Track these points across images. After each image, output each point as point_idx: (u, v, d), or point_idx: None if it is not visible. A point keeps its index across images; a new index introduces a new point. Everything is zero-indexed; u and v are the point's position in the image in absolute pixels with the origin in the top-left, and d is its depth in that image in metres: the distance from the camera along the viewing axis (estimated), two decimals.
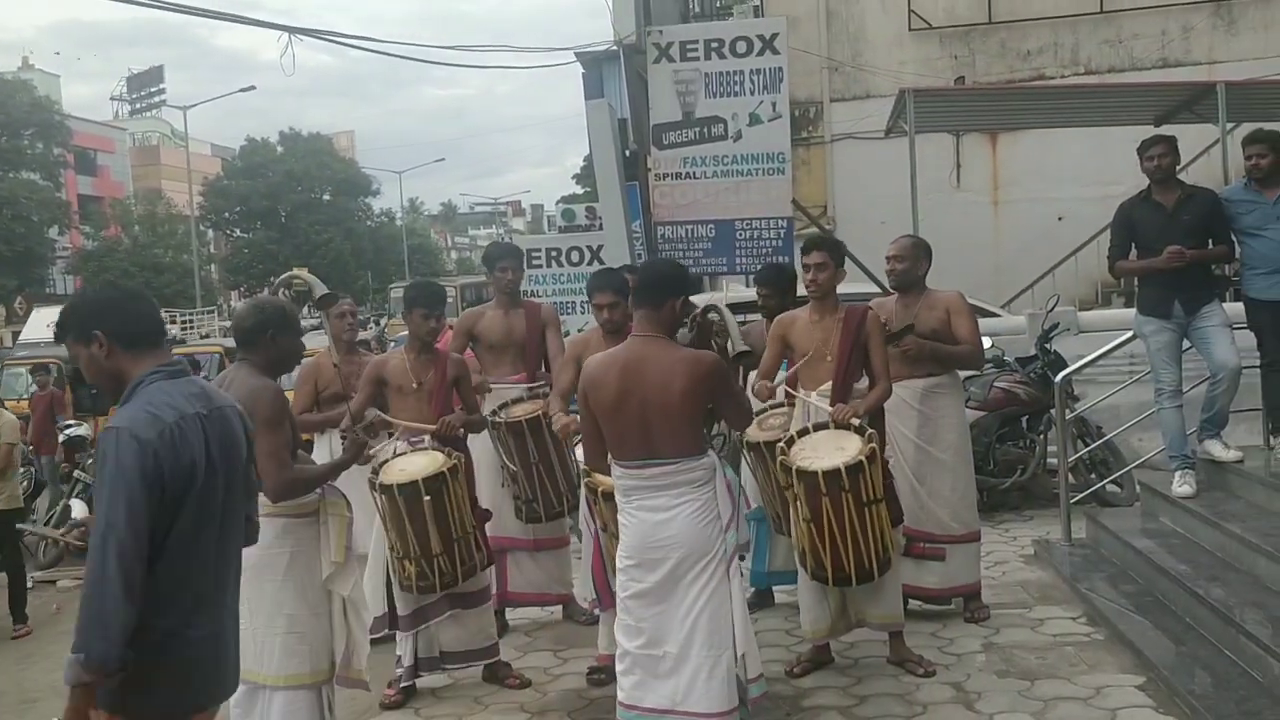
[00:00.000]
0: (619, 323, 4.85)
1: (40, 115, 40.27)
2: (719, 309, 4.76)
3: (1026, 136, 13.84)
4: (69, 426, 12.41)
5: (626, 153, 10.53)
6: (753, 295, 6.29)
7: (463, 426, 5.03)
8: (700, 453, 3.77)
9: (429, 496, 4.61)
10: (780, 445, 4.54)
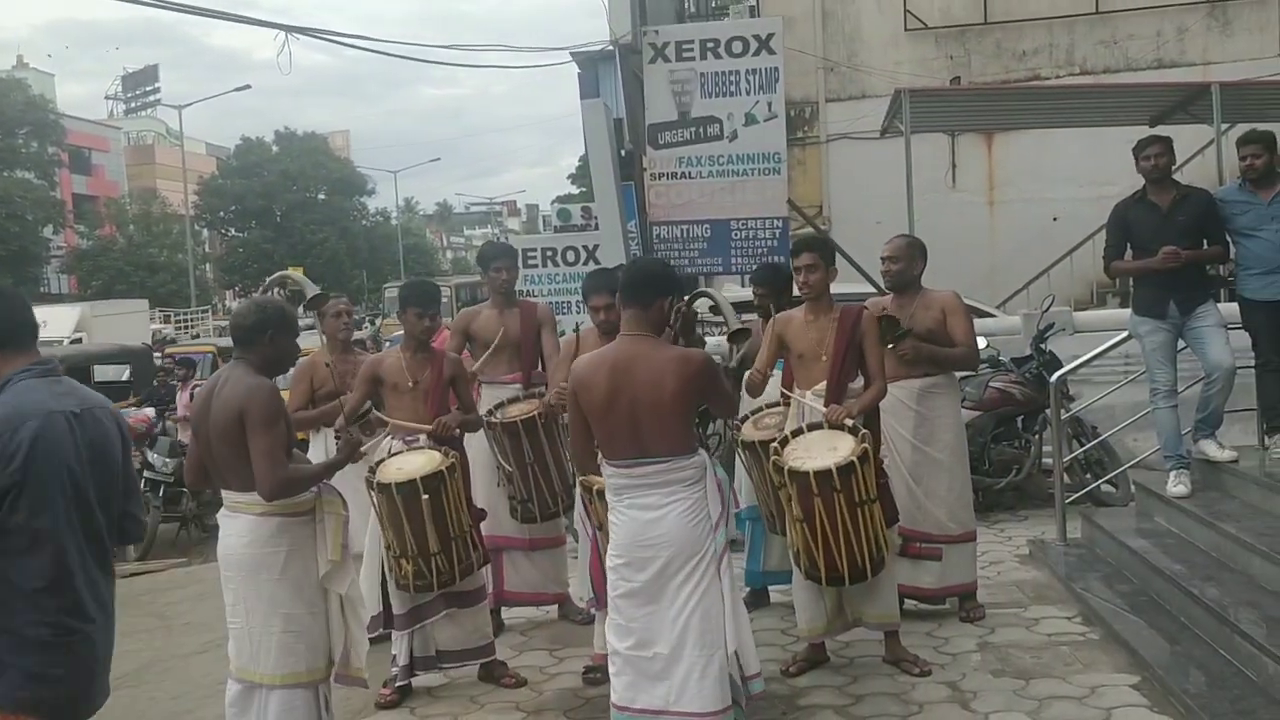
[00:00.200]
0: (615, 323, 4.83)
1: (35, 114, 40.28)
2: (709, 292, 4.73)
3: (1022, 137, 13.86)
4: None
5: (622, 152, 10.53)
6: (748, 295, 6.29)
7: (459, 426, 5.02)
8: (691, 451, 3.77)
9: (427, 495, 4.60)
10: (774, 445, 4.54)
